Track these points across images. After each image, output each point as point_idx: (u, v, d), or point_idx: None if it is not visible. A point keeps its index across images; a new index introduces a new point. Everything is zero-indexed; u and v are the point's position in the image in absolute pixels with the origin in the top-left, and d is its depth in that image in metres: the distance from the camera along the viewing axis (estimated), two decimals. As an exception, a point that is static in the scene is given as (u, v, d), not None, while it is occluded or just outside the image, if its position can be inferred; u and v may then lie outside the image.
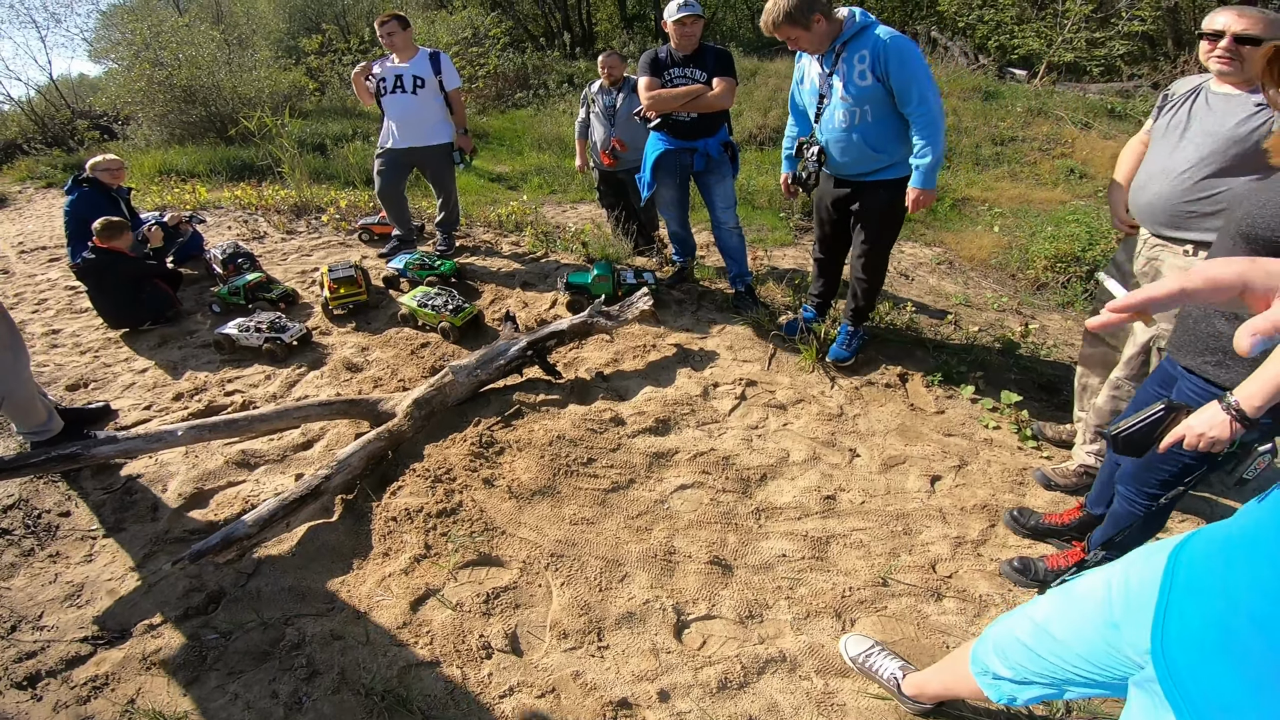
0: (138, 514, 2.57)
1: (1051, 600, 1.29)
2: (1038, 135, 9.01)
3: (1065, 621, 1.21)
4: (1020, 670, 1.31)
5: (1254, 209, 1.51)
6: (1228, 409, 1.43)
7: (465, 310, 3.77)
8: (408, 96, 4.42)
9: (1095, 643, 1.12)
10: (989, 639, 1.43)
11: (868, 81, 2.75)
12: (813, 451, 2.87)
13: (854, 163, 2.99)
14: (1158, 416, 1.54)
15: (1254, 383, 1.41)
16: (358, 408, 2.95)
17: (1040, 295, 5.11)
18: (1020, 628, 1.32)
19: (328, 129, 10.78)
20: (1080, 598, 1.19)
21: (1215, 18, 2.04)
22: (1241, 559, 0.83)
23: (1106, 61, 11.44)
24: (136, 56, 11.31)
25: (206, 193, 7.11)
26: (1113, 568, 1.17)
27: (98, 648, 2.04)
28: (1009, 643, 1.34)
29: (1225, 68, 2.04)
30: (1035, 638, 1.27)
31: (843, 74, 2.80)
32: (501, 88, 13.29)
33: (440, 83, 4.47)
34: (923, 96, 2.70)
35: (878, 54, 2.69)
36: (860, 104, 2.82)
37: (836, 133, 2.94)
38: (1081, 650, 1.16)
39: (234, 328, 3.64)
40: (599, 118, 4.69)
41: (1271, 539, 0.79)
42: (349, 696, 1.86)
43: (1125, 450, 1.58)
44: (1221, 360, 1.63)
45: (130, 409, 3.22)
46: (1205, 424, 1.45)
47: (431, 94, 4.46)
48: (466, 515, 2.47)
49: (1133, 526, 1.96)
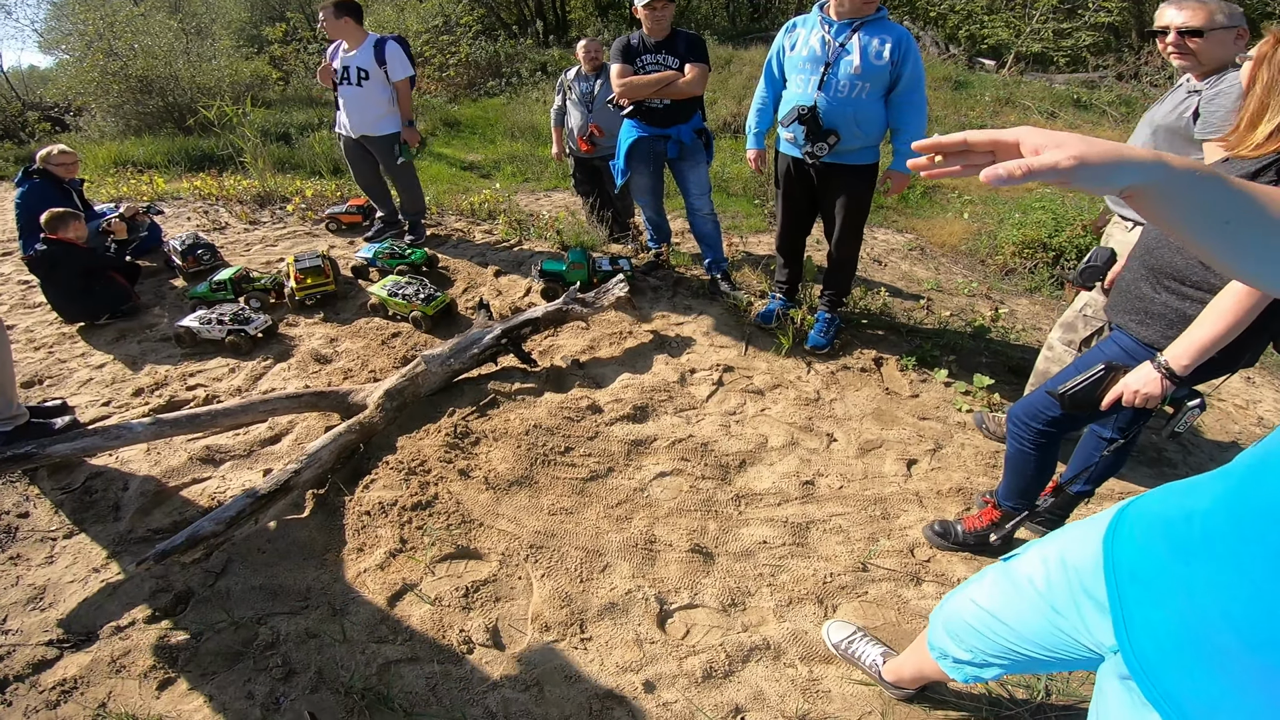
0: (99, 514, 2.48)
1: (993, 581, 1.27)
2: (1006, 124, 9.13)
3: (1007, 605, 1.20)
4: (976, 653, 1.30)
5: None
6: (1159, 368, 1.60)
7: (438, 299, 3.70)
8: (354, 88, 4.33)
9: (1041, 626, 1.12)
10: (938, 622, 1.43)
11: (883, 62, 2.83)
12: (791, 437, 2.87)
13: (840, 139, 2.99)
14: (1099, 376, 1.71)
15: (1181, 343, 1.57)
16: (327, 400, 2.88)
17: (1009, 280, 5.19)
18: (966, 611, 1.31)
19: (292, 118, 10.53)
20: (1019, 581, 1.18)
21: (1162, 13, 2.16)
22: (1202, 557, 0.80)
23: (1073, 52, 11.66)
24: (89, 47, 11.00)
25: (164, 183, 6.88)
26: (1048, 546, 1.15)
27: (64, 651, 1.97)
28: (959, 626, 1.34)
29: (1179, 61, 2.16)
30: (982, 622, 1.26)
31: (859, 48, 2.84)
32: (474, 76, 13.09)
33: (386, 73, 4.35)
34: (924, 91, 2.95)
35: (901, 42, 2.83)
36: (865, 79, 2.87)
37: (838, 101, 2.94)
38: (1029, 634, 1.15)
39: (195, 320, 3.52)
40: (575, 104, 4.63)
41: (1230, 539, 0.77)
42: (328, 695, 1.82)
43: (1072, 408, 1.76)
44: (1143, 319, 1.79)
45: (88, 405, 3.10)
46: (1140, 382, 1.62)
47: (377, 85, 4.33)
48: (442, 508, 2.42)
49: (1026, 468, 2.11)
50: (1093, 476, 2.28)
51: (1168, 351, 1.60)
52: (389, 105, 4.43)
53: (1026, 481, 2.14)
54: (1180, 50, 2.12)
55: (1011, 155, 0.74)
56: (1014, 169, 0.68)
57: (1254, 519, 0.75)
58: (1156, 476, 2.78)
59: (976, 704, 1.81)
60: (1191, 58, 2.11)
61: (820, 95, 2.95)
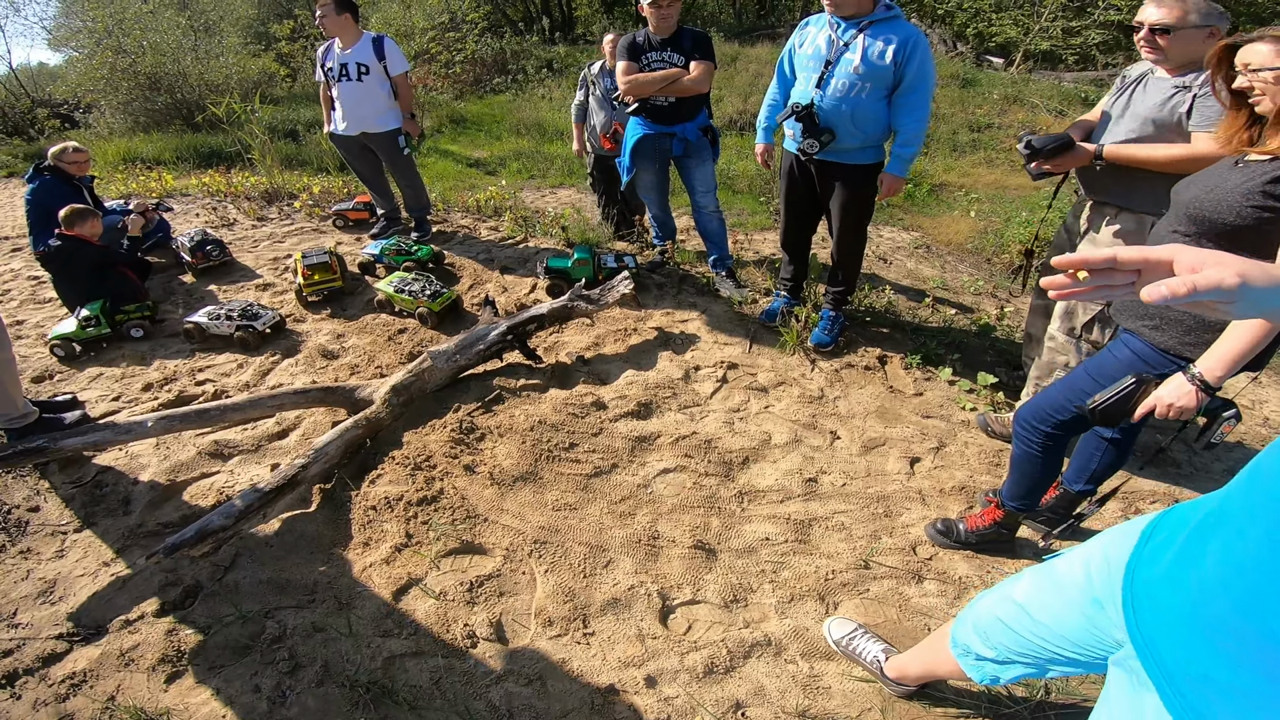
0: (109, 508, 2.51)
1: (1031, 580, 1.29)
2: (1013, 122, 9.09)
3: (1046, 602, 1.22)
4: (1002, 650, 1.32)
5: (1201, 193, 1.66)
6: (1192, 380, 1.58)
7: (444, 295, 3.72)
8: (353, 84, 4.34)
9: (1077, 623, 1.13)
10: (968, 620, 1.44)
11: (885, 62, 2.81)
12: (794, 434, 2.88)
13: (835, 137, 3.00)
14: (1130, 389, 1.68)
15: (1214, 354, 1.56)
16: (334, 395, 2.90)
17: (1015, 279, 5.16)
18: (1000, 608, 1.33)
19: (300, 115, 10.55)
20: (1060, 578, 1.20)
21: (1144, 9, 2.21)
22: (1212, 532, 0.83)
23: (1082, 50, 11.58)
24: (98, 44, 11.03)
25: (173, 180, 6.92)
26: (1090, 547, 1.17)
27: (74, 645, 1.99)
28: (990, 623, 1.35)
29: (1149, 55, 2.24)
30: (1016, 618, 1.27)
31: (861, 47, 2.83)
32: (479, 73, 13.08)
33: (385, 68, 4.38)
34: (926, 95, 2.89)
35: (907, 42, 2.79)
36: (866, 79, 2.86)
37: (834, 100, 2.94)
38: (1063, 631, 1.16)
39: (204, 316, 3.55)
40: (599, 101, 4.58)
41: (1239, 512, 0.79)
42: (333, 689, 1.84)
43: (1103, 421, 1.73)
44: (1158, 324, 1.79)
45: (98, 400, 3.13)
46: (1173, 394, 1.60)
47: (377, 80, 4.37)
48: (448, 503, 2.44)
49: (1033, 470, 2.13)
50: (1094, 475, 2.28)
51: (1200, 363, 1.58)
52: (389, 100, 4.46)
53: (1032, 483, 2.15)
54: (1150, 45, 2.20)
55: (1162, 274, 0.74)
56: (1178, 287, 0.67)
57: (1261, 496, 0.77)
58: (1161, 477, 2.78)
59: (976, 701, 1.81)
60: (1160, 53, 2.19)
61: (818, 93, 2.95)
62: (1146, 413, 1.65)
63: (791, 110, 2.99)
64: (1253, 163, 1.59)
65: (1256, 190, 1.53)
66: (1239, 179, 1.58)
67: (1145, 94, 2.29)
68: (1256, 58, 1.53)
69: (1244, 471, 0.82)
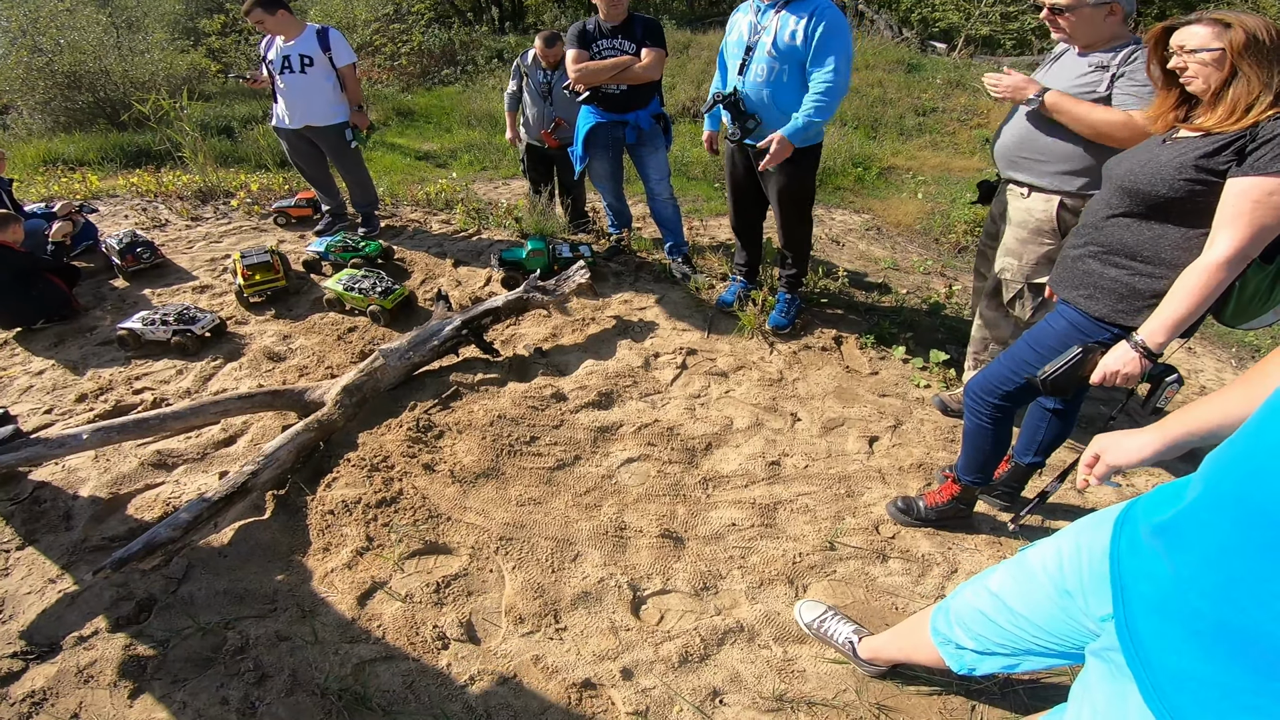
0: (50, 524, 2.37)
1: (1007, 571, 1.32)
2: (956, 106, 9.32)
3: (1022, 593, 1.24)
4: (982, 641, 1.34)
5: (1135, 167, 1.71)
6: (1135, 347, 1.64)
7: (396, 292, 3.62)
8: (295, 76, 4.18)
9: (1053, 613, 1.16)
10: (949, 610, 1.46)
11: (795, 42, 2.77)
12: (755, 418, 2.90)
13: (763, 123, 2.99)
14: (1076, 359, 1.74)
15: (1155, 321, 1.62)
16: (282, 399, 2.80)
17: (961, 258, 5.31)
18: (979, 599, 1.35)
19: (234, 111, 10.16)
20: (1034, 569, 1.22)
21: None
22: (1190, 532, 0.85)
23: (1019, 35, 11.93)
24: (13, 44, 10.51)
25: (99, 181, 6.55)
26: (1063, 537, 1.20)
27: (29, 663, 1.89)
28: (969, 614, 1.38)
29: (1056, 34, 2.30)
30: (994, 609, 1.30)
31: (774, 29, 2.81)
32: (427, 64, 12.79)
33: (330, 59, 4.24)
34: (836, 67, 2.76)
35: (813, 14, 2.73)
36: (781, 61, 2.84)
37: (754, 86, 2.94)
38: (1039, 621, 1.19)
39: (138, 321, 3.38)
40: (533, 95, 4.53)
41: (1209, 516, 0.81)
42: (304, 698, 1.78)
43: (1053, 391, 1.80)
44: (1092, 294, 1.84)
45: (30, 414, 2.96)
46: (1119, 362, 1.67)
47: (321, 72, 4.21)
48: (408, 503, 2.39)
49: (984, 442, 2.18)
50: (1042, 446, 2.34)
51: (1142, 330, 1.64)
52: (334, 93, 4.31)
53: (985, 455, 2.20)
54: (1054, 25, 2.26)
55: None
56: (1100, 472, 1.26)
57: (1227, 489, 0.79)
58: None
59: (947, 679, 1.84)
60: (1064, 32, 2.25)
61: (739, 79, 2.96)
62: (1098, 382, 1.71)
63: (714, 99, 2.99)
64: (1183, 139, 1.64)
65: (1189, 164, 1.58)
66: (1171, 154, 1.64)
67: (1062, 69, 2.35)
68: (1193, 39, 1.58)
69: (1207, 461, 0.84)
